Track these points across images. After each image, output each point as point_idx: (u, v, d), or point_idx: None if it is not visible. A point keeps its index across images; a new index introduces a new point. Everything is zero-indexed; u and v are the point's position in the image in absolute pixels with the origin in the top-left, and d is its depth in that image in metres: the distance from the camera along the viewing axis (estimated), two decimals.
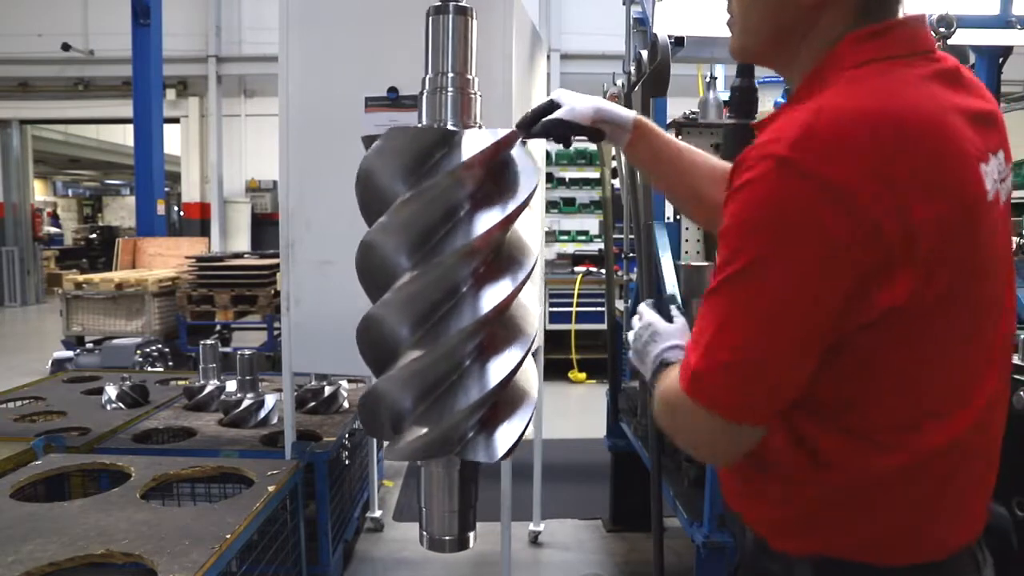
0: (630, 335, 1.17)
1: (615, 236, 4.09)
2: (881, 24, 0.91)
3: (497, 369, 1.07)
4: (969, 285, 0.87)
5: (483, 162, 1.09)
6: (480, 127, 1.16)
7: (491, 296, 1.07)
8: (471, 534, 1.18)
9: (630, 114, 1.31)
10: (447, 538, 1.16)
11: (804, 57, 0.96)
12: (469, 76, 1.16)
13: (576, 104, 1.26)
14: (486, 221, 1.07)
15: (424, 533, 1.18)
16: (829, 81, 0.89)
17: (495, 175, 1.12)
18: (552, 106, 1.27)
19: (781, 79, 1.13)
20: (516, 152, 1.15)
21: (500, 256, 1.12)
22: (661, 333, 1.11)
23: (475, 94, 1.17)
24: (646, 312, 1.17)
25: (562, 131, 1.25)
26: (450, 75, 1.14)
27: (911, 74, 0.88)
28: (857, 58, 0.89)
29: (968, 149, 0.86)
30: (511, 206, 1.08)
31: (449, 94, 1.14)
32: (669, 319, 1.15)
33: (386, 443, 1.10)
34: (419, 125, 1.16)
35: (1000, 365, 0.95)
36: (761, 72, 2.91)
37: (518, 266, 1.11)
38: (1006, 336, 0.97)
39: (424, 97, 1.16)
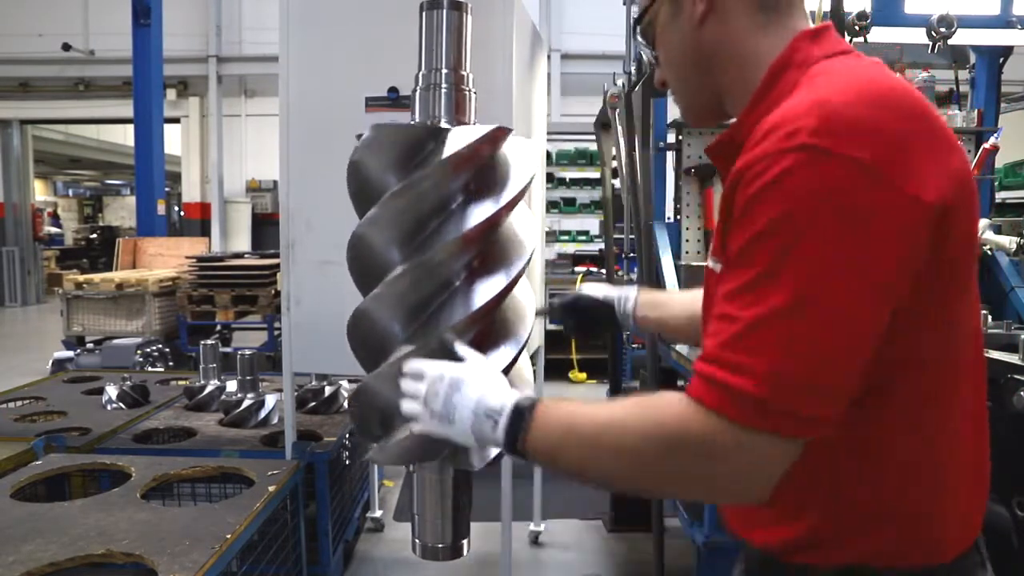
0: (411, 405, 0.95)
1: (615, 236, 4.09)
2: (816, 27, 0.93)
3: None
4: (971, 260, 0.86)
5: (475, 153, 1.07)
6: (475, 124, 1.13)
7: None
8: (465, 541, 1.14)
9: (631, 287, 1.52)
10: (440, 545, 1.12)
11: (731, 81, 0.96)
12: (463, 72, 1.12)
13: (591, 290, 1.54)
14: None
15: (416, 541, 1.14)
16: (792, 76, 0.88)
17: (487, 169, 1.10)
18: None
19: None
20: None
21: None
22: (464, 379, 0.92)
23: (469, 91, 1.13)
24: (421, 365, 0.96)
25: (581, 307, 1.53)
26: (444, 72, 1.11)
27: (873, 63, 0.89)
28: (817, 52, 0.90)
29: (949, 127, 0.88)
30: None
31: (443, 91, 1.11)
32: (453, 358, 0.98)
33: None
34: (412, 122, 1.13)
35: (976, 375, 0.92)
36: None
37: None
38: (978, 341, 0.94)
39: (418, 94, 1.12)
